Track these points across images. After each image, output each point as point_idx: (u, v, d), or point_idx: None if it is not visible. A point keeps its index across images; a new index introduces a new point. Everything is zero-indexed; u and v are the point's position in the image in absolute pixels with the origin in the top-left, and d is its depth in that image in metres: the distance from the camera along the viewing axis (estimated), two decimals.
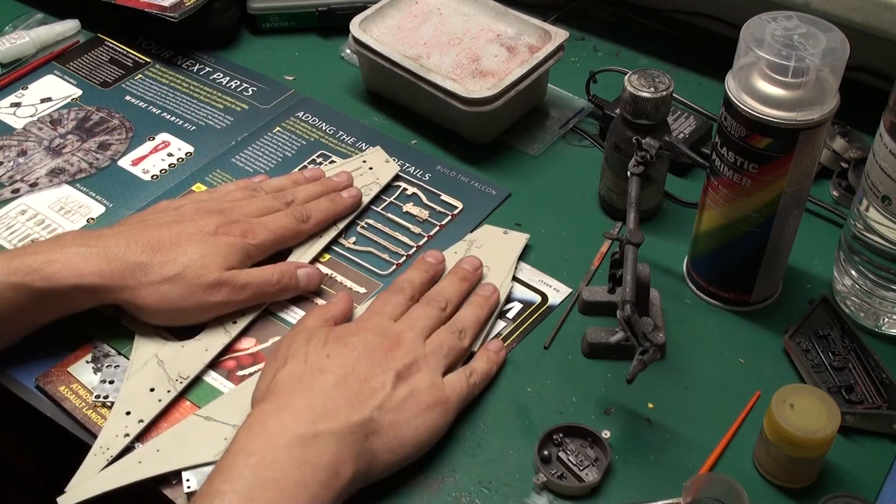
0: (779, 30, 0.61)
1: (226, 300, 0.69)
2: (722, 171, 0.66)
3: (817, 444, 0.59)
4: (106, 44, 0.99)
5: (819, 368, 0.67)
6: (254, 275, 0.70)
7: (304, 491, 0.54)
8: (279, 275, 0.71)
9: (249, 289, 0.69)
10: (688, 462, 0.63)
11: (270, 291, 0.71)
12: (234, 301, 0.69)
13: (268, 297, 0.71)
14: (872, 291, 0.70)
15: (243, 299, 0.70)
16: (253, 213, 0.73)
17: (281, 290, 0.71)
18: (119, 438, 0.63)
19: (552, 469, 0.62)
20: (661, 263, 0.76)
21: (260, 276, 0.70)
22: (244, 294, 0.69)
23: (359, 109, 0.91)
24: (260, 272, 0.71)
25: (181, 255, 0.67)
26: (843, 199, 0.81)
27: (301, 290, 0.73)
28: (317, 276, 0.73)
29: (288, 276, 0.71)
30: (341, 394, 0.59)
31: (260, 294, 0.70)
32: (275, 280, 0.71)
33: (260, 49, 0.99)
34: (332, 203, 0.77)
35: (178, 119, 0.90)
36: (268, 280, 0.70)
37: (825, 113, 0.61)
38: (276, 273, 0.71)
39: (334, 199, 0.78)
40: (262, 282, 0.70)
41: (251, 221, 0.72)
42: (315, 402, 0.59)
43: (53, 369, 0.68)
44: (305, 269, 0.73)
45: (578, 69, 0.94)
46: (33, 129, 0.88)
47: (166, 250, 0.67)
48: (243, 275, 0.69)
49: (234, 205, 0.74)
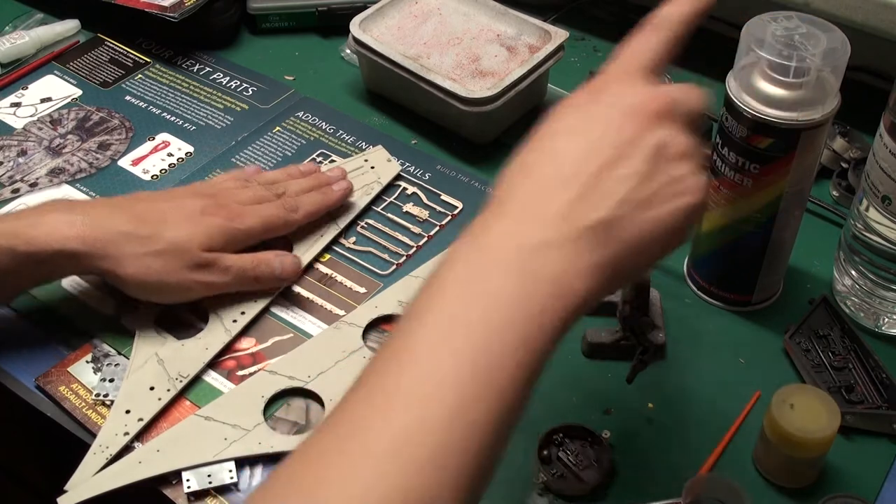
0: (779, 30, 0.61)
1: (209, 281, 0.69)
2: (723, 172, 0.66)
3: (817, 444, 0.59)
4: (106, 44, 0.99)
5: (819, 368, 0.67)
6: (236, 260, 0.70)
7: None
8: (256, 261, 0.71)
9: (231, 272, 0.70)
10: (688, 462, 0.63)
11: (249, 277, 0.71)
12: (217, 283, 0.69)
13: (247, 283, 0.71)
14: (872, 291, 0.70)
15: (226, 283, 0.70)
16: (243, 200, 0.73)
17: (258, 276, 0.71)
18: (119, 437, 0.63)
19: (552, 469, 0.62)
20: (661, 263, 0.76)
21: (240, 262, 0.70)
22: (226, 277, 0.69)
23: (359, 109, 0.91)
24: (241, 258, 0.71)
25: (166, 230, 0.67)
26: (843, 199, 0.81)
27: (279, 278, 0.72)
28: (291, 262, 0.73)
29: (265, 263, 0.71)
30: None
31: (240, 278, 0.70)
32: (250, 266, 0.71)
33: (260, 49, 0.99)
34: (322, 196, 0.77)
35: (178, 119, 0.90)
36: (246, 266, 0.70)
37: (826, 113, 0.61)
38: (254, 259, 0.71)
39: (325, 192, 0.78)
40: (242, 266, 0.70)
41: (240, 207, 0.72)
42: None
43: (53, 369, 0.68)
44: (281, 257, 0.72)
45: (578, 69, 0.94)
46: (33, 129, 0.88)
47: (152, 223, 0.67)
48: (227, 258, 0.70)
49: (225, 191, 0.74)
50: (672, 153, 0.48)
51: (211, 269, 0.69)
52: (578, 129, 0.49)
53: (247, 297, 0.72)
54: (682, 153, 0.48)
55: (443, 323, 0.44)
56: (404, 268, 0.76)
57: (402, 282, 0.74)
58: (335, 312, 0.72)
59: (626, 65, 0.51)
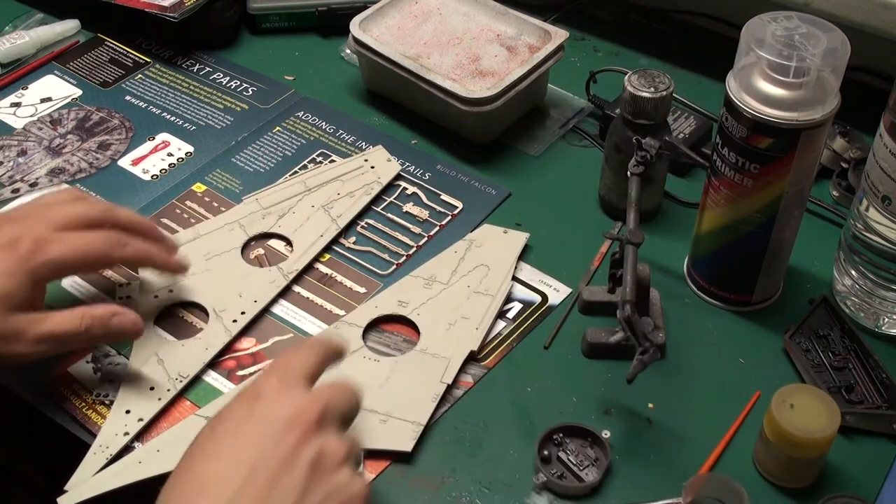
0: (779, 30, 0.61)
1: (18, 353, 0.59)
2: (723, 172, 0.66)
3: (817, 444, 0.59)
4: (106, 44, 0.99)
5: (819, 368, 0.67)
6: (58, 322, 0.60)
7: None
8: (87, 321, 0.61)
9: (48, 341, 0.60)
10: (688, 462, 0.63)
11: (79, 339, 0.61)
12: (30, 354, 0.59)
13: (76, 346, 0.64)
14: (872, 291, 0.70)
15: (42, 351, 0.60)
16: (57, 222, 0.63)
17: (91, 336, 0.62)
18: (118, 437, 0.63)
19: (552, 469, 0.62)
20: (661, 263, 0.76)
21: (63, 325, 0.60)
22: (41, 347, 0.60)
23: (359, 109, 0.91)
24: (63, 319, 0.61)
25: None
26: (843, 199, 0.81)
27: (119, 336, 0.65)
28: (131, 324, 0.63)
29: (99, 323, 0.62)
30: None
31: (63, 342, 0.61)
32: (83, 329, 0.61)
33: (260, 49, 0.99)
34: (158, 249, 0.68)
35: (178, 119, 0.90)
36: (70, 329, 0.60)
37: (826, 113, 0.61)
38: (83, 318, 0.61)
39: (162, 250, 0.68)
40: (64, 331, 0.60)
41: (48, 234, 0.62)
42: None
43: (54, 369, 0.68)
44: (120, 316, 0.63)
45: (578, 69, 0.94)
46: (33, 128, 0.88)
47: None
48: (41, 324, 0.60)
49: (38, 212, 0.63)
50: (330, 464, 0.50)
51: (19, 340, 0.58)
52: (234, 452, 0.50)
53: (247, 296, 0.72)
54: (339, 462, 0.50)
55: None
56: (404, 268, 0.76)
57: (402, 281, 0.74)
58: (335, 312, 0.72)
59: (283, 373, 0.53)
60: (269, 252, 0.77)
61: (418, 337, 0.70)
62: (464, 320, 0.71)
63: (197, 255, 0.75)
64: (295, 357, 0.55)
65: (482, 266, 0.74)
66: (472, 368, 0.69)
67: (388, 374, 0.67)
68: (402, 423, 0.64)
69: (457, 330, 0.70)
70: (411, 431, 0.64)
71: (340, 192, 0.81)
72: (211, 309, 0.71)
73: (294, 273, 0.74)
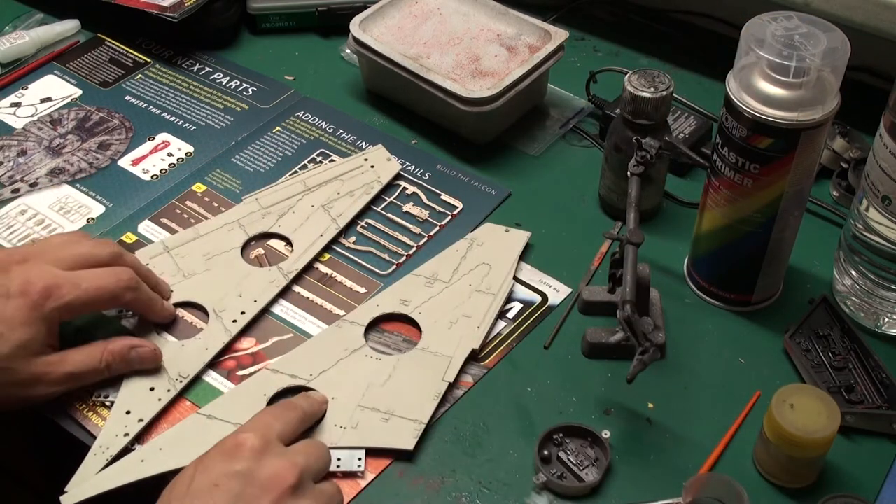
0: (779, 30, 0.61)
1: (43, 395, 0.62)
2: (723, 172, 0.66)
3: (817, 444, 0.59)
4: (106, 44, 0.99)
5: (819, 368, 0.67)
6: (78, 363, 0.63)
7: None
8: (108, 357, 0.64)
9: (70, 380, 0.63)
10: (688, 462, 0.63)
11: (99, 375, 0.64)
12: (52, 394, 0.63)
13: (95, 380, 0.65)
14: (872, 291, 0.70)
15: (63, 389, 0.63)
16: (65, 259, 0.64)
17: (112, 373, 0.65)
18: (119, 438, 0.63)
19: (552, 469, 0.62)
20: (661, 263, 0.76)
21: (85, 363, 0.63)
22: (63, 386, 0.63)
23: (359, 109, 0.91)
24: (85, 357, 0.64)
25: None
26: (843, 199, 0.81)
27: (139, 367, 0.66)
28: (151, 355, 0.66)
29: (120, 359, 0.65)
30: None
31: (84, 380, 0.64)
32: (103, 367, 0.64)
33: (260, 49, 0.99)
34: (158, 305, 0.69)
35: (178, 119, 0.90)
36: (95, 367, 0.64)
37: (826, 113, 0.61)
38: (103, 355, 0.64)
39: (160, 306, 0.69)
40: (86, 370, 0.64)
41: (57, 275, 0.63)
42: None
43: None
44: (138, 349, 0.66)
45: (578, 69, 0.94)
46: (33, 128, 0.88)
47: None
48: (61, 364, 0.62)
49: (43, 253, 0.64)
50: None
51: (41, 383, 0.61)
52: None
53: (247, 296, 0.72)
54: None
55: None
56: (404, 267, 0.76)
57: (404, 280, 0.74)
58: (335, 312, 0.72)
59: (264, 433, 0.57)
60: (269, 252, 0.77)
61: (420, 336, 0.70)
62: (465, 319, 0.71)
63: (197, 255, 0.75)
64: (276, 420, 0.59)
65: (484, 265, 0.74)
66: (472, 368, 0.69)
67: (389, 373, 0.67)
68: (404, 421, 0.64)
69: (458, 328, 0.70)
70: (413, 430, 0.64)
71: (340, 192, 0.81)
72: (211, 309, 0.71)
73: (294, 273, 0.74)
